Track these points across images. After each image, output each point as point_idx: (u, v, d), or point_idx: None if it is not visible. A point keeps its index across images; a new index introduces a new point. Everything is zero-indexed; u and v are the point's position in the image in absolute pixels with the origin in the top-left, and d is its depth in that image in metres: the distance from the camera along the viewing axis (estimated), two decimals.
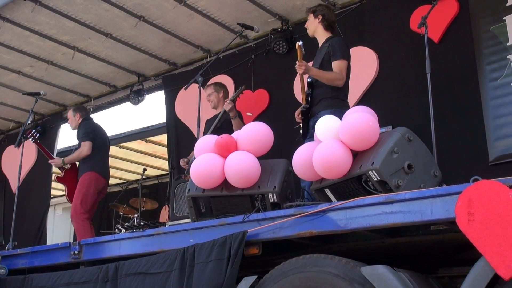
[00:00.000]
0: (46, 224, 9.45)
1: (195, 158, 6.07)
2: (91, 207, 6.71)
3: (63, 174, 6.90)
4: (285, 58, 7.19)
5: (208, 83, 6.86)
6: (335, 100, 4.97)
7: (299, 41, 5.00)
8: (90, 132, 6.93)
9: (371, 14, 6.64)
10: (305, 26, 5.44)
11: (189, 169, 6.11)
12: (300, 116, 5.18)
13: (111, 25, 7.34)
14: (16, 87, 8.76)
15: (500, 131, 5.40)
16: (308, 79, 5.13)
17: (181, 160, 6.56)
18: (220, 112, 6.34)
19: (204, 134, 6.33)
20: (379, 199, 3.60)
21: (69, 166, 6.93)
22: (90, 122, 7.15)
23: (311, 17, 5.33)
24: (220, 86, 6.68)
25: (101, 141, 7.07)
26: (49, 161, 6.95)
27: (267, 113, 7.28)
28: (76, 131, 7.20)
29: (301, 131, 5.11)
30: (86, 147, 6.77)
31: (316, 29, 5.31)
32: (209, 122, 6.52)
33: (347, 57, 5.08)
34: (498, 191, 3.07)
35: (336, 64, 5.00)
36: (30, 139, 7.05)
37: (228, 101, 6.11)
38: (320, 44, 5.29)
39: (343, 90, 5.08)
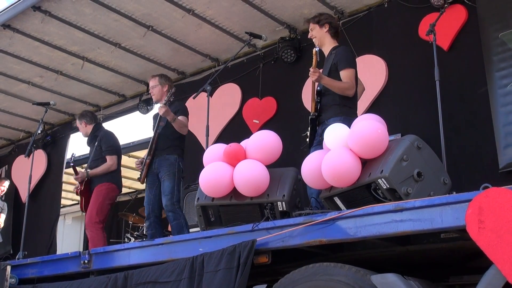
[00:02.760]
0: (56, 233, 9.48)
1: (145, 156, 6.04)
2: (105, 217, 6.72)
3: (83, 187, 6.86)
4: (293, 66, 7.20)
5: (153, 74, 6.53)
6: (344, 107, 4.94)
7: (316, 47, 4.97)
8: (114, 146, 6.92)
9: (379, 22, 6.65)
10: (309, 37, 5.31)
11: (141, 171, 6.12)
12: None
13: (120, 35, 7.39)
14: (26, 97, 8.82)
15: (511, 137, 5.37)
16: (317, 88, 5.07)
17: (135, 162, 6.37)
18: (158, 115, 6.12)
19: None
20: (389, 207, 3.59)
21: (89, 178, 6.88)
22: (108, 133, 7.10)
23: (315, 27, 5.21)
24: (166, 80, 6.33)
25: (120, 153, 7.08)
26: (75, 177, 6.87)
27: (275, 121, 7.28)
28: (87, 138, 7.18)
29: (307, 139, 5.07)
30: (114, 162, 6.74)
31: (324, 39, 5.19)
32: (155, 117, 6.30)
33: (354, 65, 5.03)
34: (509, 198, 3.06)
35: (345, 74, 4.93)
36: (71, 163, 7.01)
37: (161, 105, 5.86)
38: (326, 54, 5.20)
39: (352, 98, 5.02)
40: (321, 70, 4.96)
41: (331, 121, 4.79)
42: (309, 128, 5.06)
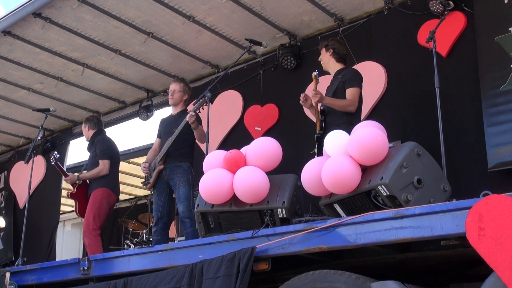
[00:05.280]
0: (55, 240, 9.46)
1: (155, 162, 6.10)
2: (103, 222, 6.72)
3: (75, 190, 6.89)
4: (293, 73, 7.21)
5: (176, 79, 6.64)
6: (347, 125, 5.02)
7: (315, 71, 5.19)
8: (108, 150, 6.93)
9: (379, 29, 6.66)
10: (319, 60, 5.60)
11: (148, 176, 6.15)
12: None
13: (120, 41, 7.40)
14: (26, 104, 8.82)
15: (499, 137, 5.40)
16: (321, 107, 5.28)
17: (142, 165, 6.39)
18: (176, 114, 6.30)
19: (162, 137, 6.31)
20: (389, 214, 3.59)
21: (80, 181, 6.93)
22: (105, 138, 7.14)
23: (323, 50, 5.54)
24: (189, 89, 6.46)
25: (116, 158, 7.08)
26: (64, 179, 6.92)
27: (277, 127, 7.28)
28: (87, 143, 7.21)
29: (316, 156, 5.12)
30: (105, 167, 6.76)
31: (329, 62, 5.50)
32: (164, 123, 6.44)
33: (360, 86, 5.25)
34: (509, 205, 3.06)
35: (350, 91, 5.16)
36: (51, 161, 7.06)
37: (192, 113, 5.89)
38: (332, 76, 5.47)
39: (355, 115, 5.19)
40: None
41: None
42: (316, 146, 5.16)
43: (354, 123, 5.02)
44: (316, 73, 5.19)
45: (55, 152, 7.14)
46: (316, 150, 5.19)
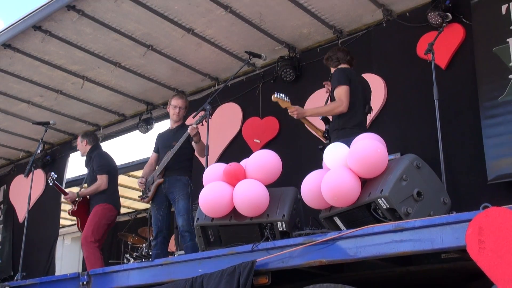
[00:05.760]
0: (55, 254, 9.43)
1: (153, 177, 6.10)
2: (102, 236, 6.70)
3: (76, 207, 6.86)
4: (292, 85, 7.21)
5: (179, 94, 6.71)
6: (341, 131, 5.01)
7: (274, 93, 5.17)
8: (105, 165, 6.90)
9: (378, 41, 6.68)
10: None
11: (145, 190, 6.13)
12: None
13: (120, 54, 7.42)
14: (26, 117, 8.83)
15: (498, 149, 5.40)
16: (319, 118, 5.27)
17: (138, 180, 6.41)
18: (175, 128, 6.31)
19: (160, 151, 6.30)
20: (389, 227, 3.58)
21: (80, 198, 6.88)
22: (102, 153, 7.12)
23: (327, 64, 5.48)
24: (188, 105, 6.54)
25: (114, 172, 7.06)
26: (64, 197, 6.89)
27: (277, 140, 7.27)
28: (84, 158, 7.19)
29: None
30: (104, 182, 6.75)
31: (330, 69, 5.45)
32: (162, 137, 6.45)
33: (344, 83, 5.07)
34: (509, 218, 3.04)
35: (335, 93, 5.07)
36: (49, 182, 7.04)
37: (194, 126, 5.90)
38: None
39: (351, 119, 5.06)
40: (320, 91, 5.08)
41: None
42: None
43: (350, 127, 5.02)
44: (275, 95, 5.15)
45: (52, 173, 7.10)
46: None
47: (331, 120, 5.28)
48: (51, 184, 7.00)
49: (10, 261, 9.82)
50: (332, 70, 5.42)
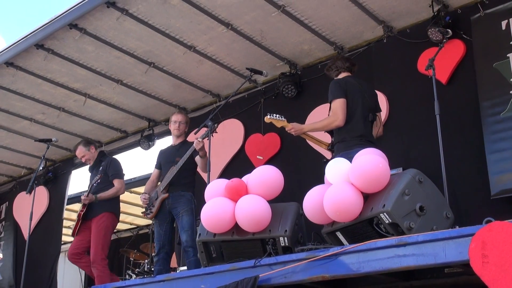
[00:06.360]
0: (56, 270, 9.39)
1: (157, 192, 6.10)
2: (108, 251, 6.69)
3: (85, 210, 6.73)
4: (294, 101, 7.23)
5: (179, 110, 6.72)
6: (342, 143, 4.97)
7: (267, 115, 5.20)
8: (121, 170, 6.91)
9: (379, 57, 6.70)
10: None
11: (149, 206, 6.13)
12: None
13: (122, 71, 7.45)
14: (28, 134, 8.85)
15: (501, 164, 5.40)
16: (324, 131, 5.23)
17: (141, 196, 6.38)
18: (177, 145, 6.35)
19: (162, 167, 6.31)
20: (392, 242, 3.57)
21: (97, 201, 6.74)
22: (115, 158, 7.16)
23: (329, 74, 5.45)
24: (189, 121, 6.57)
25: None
26: (83, 199, 6.65)
27: (279, 156, 7.27)
28: (89, 165, 7.12)
29: None
30: (123, 186, 6.75)
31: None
32: (164, 153, 6.46)
33: (338, 96, 5.01)
34: None
35: (331, 107, 5.07)
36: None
37: (199, 139, 5.91)
38: None
39: (351, 131, 4.98)
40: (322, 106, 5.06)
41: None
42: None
43: (349, 140, 4.96)
44: (268, 116, 5.18)
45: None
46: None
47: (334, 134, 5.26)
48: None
49: (12, 278, 9.79)
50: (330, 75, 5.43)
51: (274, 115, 5.20)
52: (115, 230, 12.19)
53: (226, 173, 7.53)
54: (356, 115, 5.01)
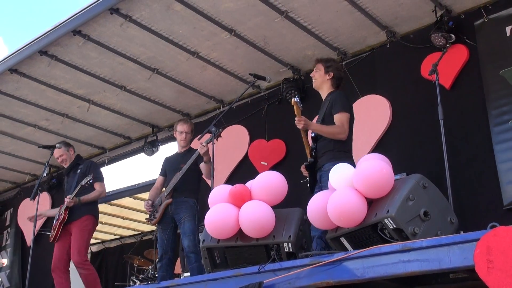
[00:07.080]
0: None
1: (161, 198, 6.10)
2: None
3: (67, 215, 6.67)
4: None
5: (185, 119, 6.75)
6: (337, 152, 4.94)
7: (294, 97, 5.02)
8: (101, 173, 6.89)
9: (382, 62, 6.71)
10: (311, 75, 5.36)
11: (153, 213, 6.12)
12: (305, 170, 5.14)
13: (126, 78, 7.47)
14: (32, 140, 8.88)
15: None
16: (312, 134, 5.13)
17: (145, 203, 6.35)
18: (183, 152, 6.34)
19: (168, 174, 6.31)
20: (396, 247, 3.56)
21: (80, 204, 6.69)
22: (94, 162, 7.13)
23: (321, 69, 5.25)
24: (194, 129, 6.54)
25: None
26: (67, 201, 6.60)
27: (283, 162, 7.27)
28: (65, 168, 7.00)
29: (308, 185, 5.08)
30: (105, 189, 6.74)
31: (323, 84, 5.24)
32: (169, 160, 6.45)
33: (348, 110, 5.02)
34: None
35: (337, 117, 4.97)
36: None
37: (204, 144, 5.90)
38: (323, 98, 5.25)
39: (346, 144, 5.01)
40: (316, 117, 5.02)
41: (326, 166, 4.85)
42: (308, 173, 5.07)
43: (345, 151, 4.96)
44: (296, 99, 4.94)
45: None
46: (308, 178, 5.07)
47: (320, 141, 5.12)
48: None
49: (20, 285, 9.79)
50: (322, 74, 5.22)
51: (299, 100, 5.02)
52: (119, 237, 12.25)
53: (231, 179, 7.53)
54: (351, 131, 5.05)
